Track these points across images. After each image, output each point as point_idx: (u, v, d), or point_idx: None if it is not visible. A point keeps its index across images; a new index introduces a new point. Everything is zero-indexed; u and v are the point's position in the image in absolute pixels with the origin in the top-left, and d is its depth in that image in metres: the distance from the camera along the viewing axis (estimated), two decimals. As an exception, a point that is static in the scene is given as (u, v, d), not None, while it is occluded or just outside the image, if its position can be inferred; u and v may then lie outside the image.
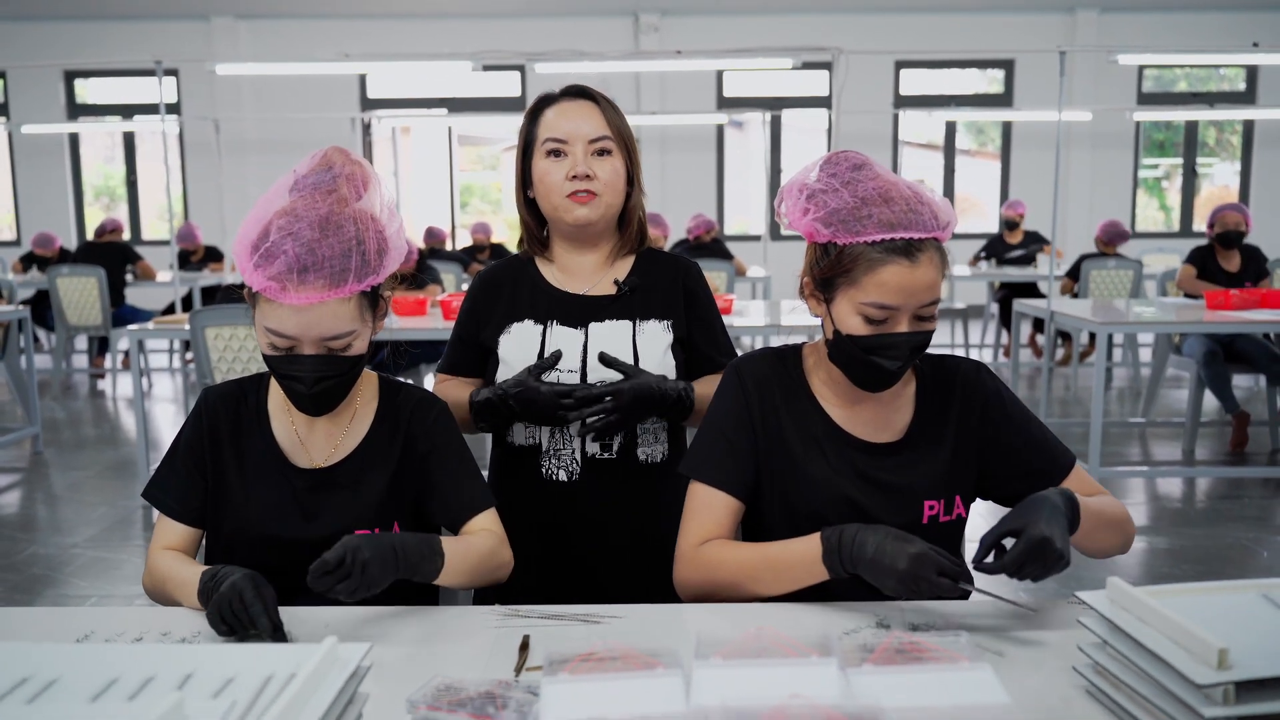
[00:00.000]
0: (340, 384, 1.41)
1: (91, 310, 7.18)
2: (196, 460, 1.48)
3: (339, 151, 1.41)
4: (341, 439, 1.50)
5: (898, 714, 0.80)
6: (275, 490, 1.46)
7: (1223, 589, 1.09)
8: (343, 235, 1.31)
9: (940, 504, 1.43)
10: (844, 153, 1.38)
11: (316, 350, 1.37)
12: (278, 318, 1.34)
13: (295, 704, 0.82)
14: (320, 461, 1.49)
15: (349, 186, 1.36)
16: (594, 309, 1.71)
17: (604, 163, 1.65)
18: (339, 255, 1.31)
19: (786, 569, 1.32)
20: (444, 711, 0.97)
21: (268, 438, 1.49)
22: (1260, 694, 0.88)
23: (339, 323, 1.35)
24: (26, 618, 1.37)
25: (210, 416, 1.49)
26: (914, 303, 1.35)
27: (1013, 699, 1.06)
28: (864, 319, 1.35)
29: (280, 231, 1.31)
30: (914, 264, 1.33)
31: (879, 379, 1.39)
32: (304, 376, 1.37)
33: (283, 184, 1.39)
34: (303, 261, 1.30)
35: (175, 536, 1.47)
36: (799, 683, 0.85)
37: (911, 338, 1.36)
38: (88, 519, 4.38)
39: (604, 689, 0.88)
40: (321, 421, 1.50)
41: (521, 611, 1.31)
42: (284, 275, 1.30)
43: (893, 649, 0.93)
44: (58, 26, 10.95)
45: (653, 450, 1.71)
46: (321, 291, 1.31)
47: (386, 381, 1.56)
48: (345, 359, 1.39)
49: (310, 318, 1.33)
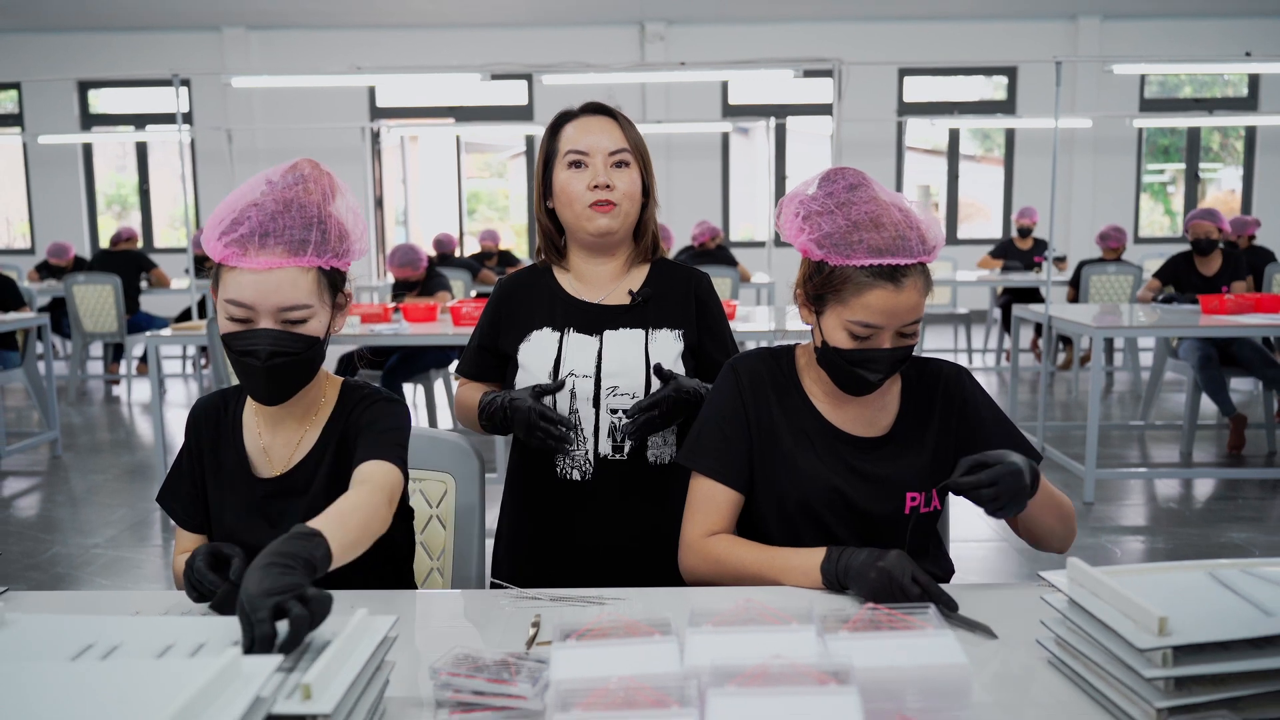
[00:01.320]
0: (294, 363, 1.41)
1: (107, 317, 7.32)
2: (191, 471, 1.55)
3: (309, 162, 1.46)
4: (297, 446, 1.52)
5: (866, 671, 0.90)
6: (242, 500, 1.51)
7: (1175, 568, 1.18)
8: (305, 213, 1.38)
9: (921, 496, 1.53)
10: (842, 170, 1.48)
11: (273, 323, 1.38)
12: (237, 284, 1.37)
13: (334, 663, 0.92)
14: (279, 469, 1.52)
15: (315, 186, 1.42)
16: (609, 317, 1.79)
17: (622, 174, 1.74)
18: (299, 227, 1.37)
19: (785, 573, 1.41)
20: (463, 677, 1.07)
21: (239, 448, 1.53)
22: (1196, 657, 0.98)
23: (296, 292, 1.38)
24: (78, 600, 1.47)
25: (196, 428, 1.56)
26: (896, 323, 1.44)
27: (980, 669, 1.16)
28: (849, 334, 1.45)
29: (244, 205, 1.38)
30: (899, 289, 1.42)
31: (859, 387, 1.49)
32: (259, 350, 1.38)
33: (255, 182, 1.43)
34: (265, 228, 1.36)
35: (189, 542, 1.55)
36: (780, 645, 0.95)
37: (893, 353, 1.46)
38: (107, 520, 4.50)
39: (607, 654, 0.98)
40: (281, 430, 1.52)
41: (532, 594, 1.41)
42: (246, 239, 1.35)
43: (866, 619, 1.03)
44: (71, 38, 11.12)
45: (661, 452, 1.79)
46: (281, 257, 1.36)
47: (348, 386, 1.57)
48: (301, 336, 1.40)
49: (269, 282, 1.36)
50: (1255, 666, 0.97)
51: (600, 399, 1.75)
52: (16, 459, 5.62)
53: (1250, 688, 0.98)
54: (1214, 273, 5.72)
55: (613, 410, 1.75)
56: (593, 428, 1.76)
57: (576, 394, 1.75)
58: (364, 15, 10.66)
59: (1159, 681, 0.97)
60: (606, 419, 1.75)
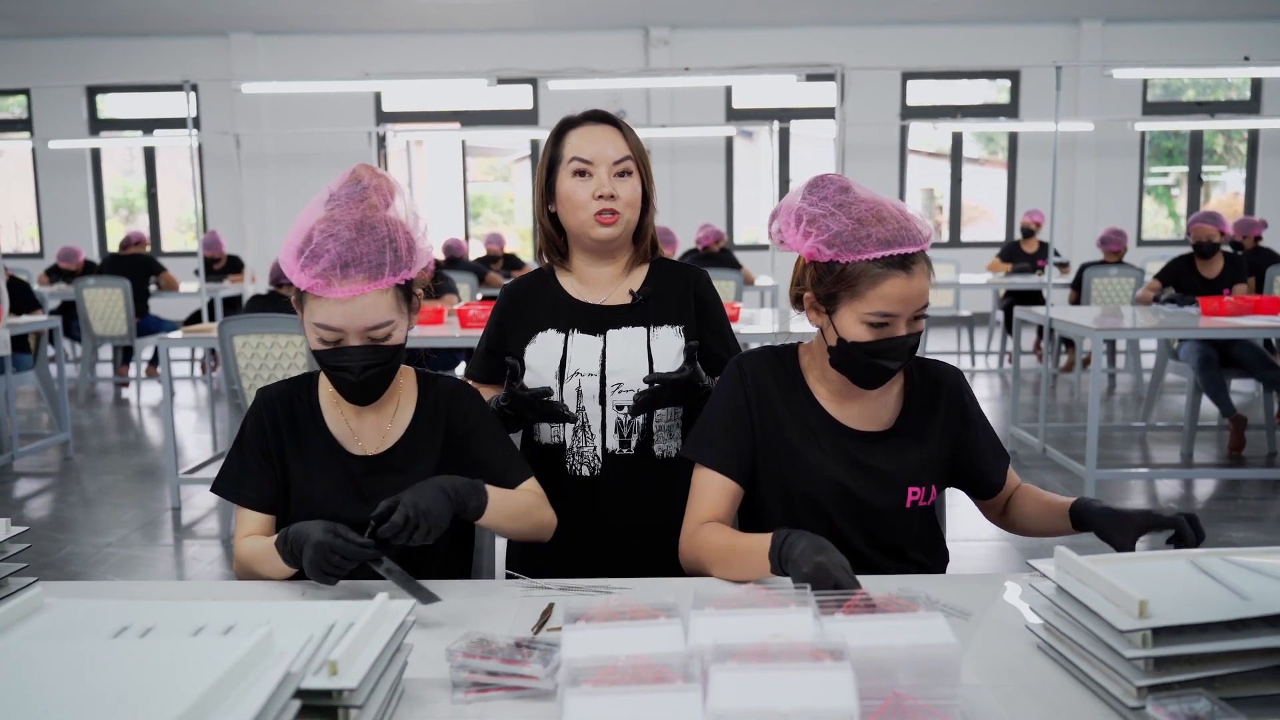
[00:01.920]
0: (383, 372, 1.56)
1: (117, 320, 7.39)
2: (263, 452, 1.64)
3: (365, 167, 1.57)
4: (388, 428, 1.65)
5: (860, 650, 0.96)
6: (334, 476, 1.62)
7: (1158, 557, 1.24)
8: (377, 235, 1.48)
9: (921, 491, 1.59)
10: (826, 176, 1.53)
11: (361, 341, 1.52)
12: (325, 312, 1.49)
13: (358, 643, 0.98)
14: (371, 449, 1.64)
15: (377, 196, 1.53)
16: (611, 317, 1.85)
17: (625, 183, 1.80)
18: (375, 252, 1.47)
19: (745, 558, 1.44)
20: (478, 658, 1.12)
21: (322, 430, 1.65)
22: (1175, 639, 1.03)
23: (379, 313, 1.51)
24: (106, 589, 1.53)
25: (269, 413, 1.65)
26: (910, 309, 1.50)
27: (972, 653, 1.22)
28: (868, 326, 1.50)
29: (322, 235, 1.47)
30: (910, 275, 1.48)
31: (880, 377, 1.54)
32: (352, 366, 1.52)
33: (319, 199, 1.55)
34: (344, 258, 1.46)
35: (255, 524, 1.63)
36: (779, 626, 1.00)
37: (909, 339, 1.52)
38: (119, 520, 4.56)
39: (615, 635, 1.03)
40: (369, 413, 1.65)
41: (542, 584, 1.47)
42: (328, 272, 1.46)
43: (861, 603, 1.08)
44: (79, 43, 11.20)
45: (667, 446, 1.85)
46: (362, 284, 1.47)
47: (423, 374, 1.72)
48: (387, 348, 1.54)
49: (354, 309, 1.48)
50: (1231, 647, 1.02)
51: (606, 396, 1.81)
52: (29, 460, 5.69)
53: (1227, 667, 1.03)
54: (1215, 275, 5.77)
55: (618, 406, 1.80)
56: (599, 424, 1.81)
57: (583, 392, 1.81)
58: (370, 21, 10.73)
59: (1139, 661, 1.03)
60: (613, 415, 1.81)
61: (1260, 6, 10.43)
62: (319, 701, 0.93)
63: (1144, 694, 1.02)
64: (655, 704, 0.90)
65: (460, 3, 10.01)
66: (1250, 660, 1.03)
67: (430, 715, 1.09)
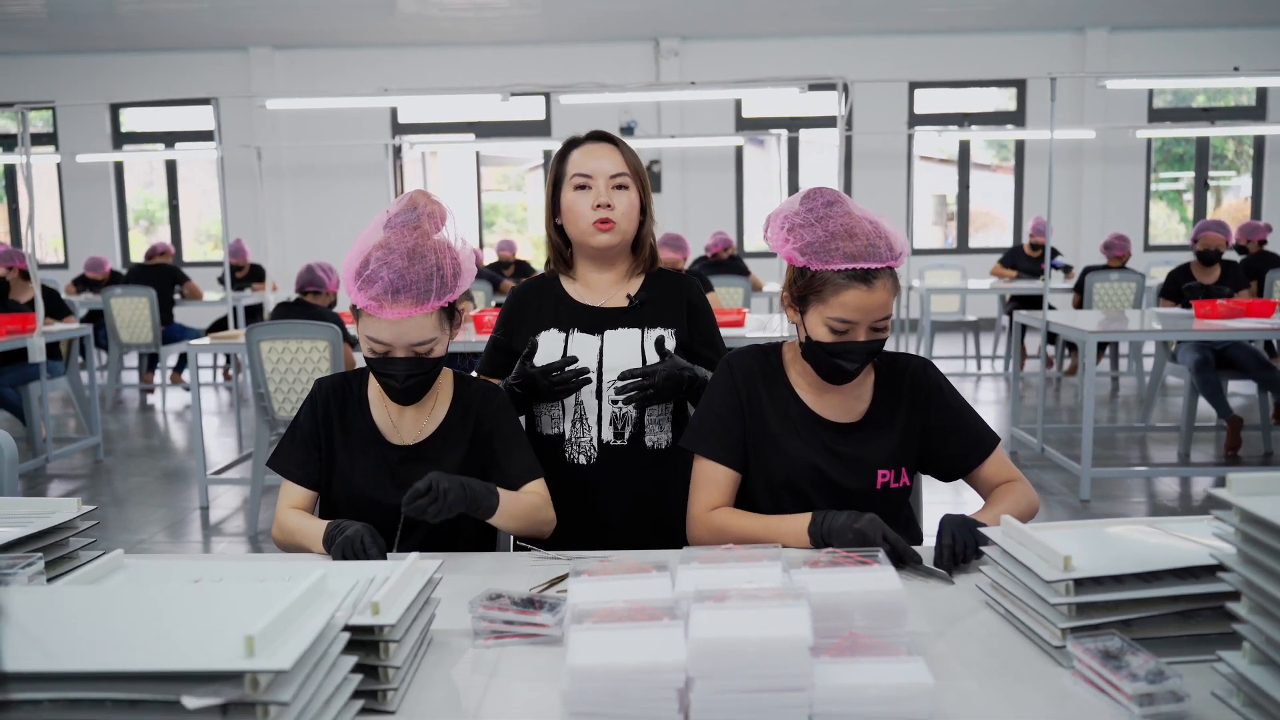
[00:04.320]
0: (425, 380, 1.77)
1: (143, 328, 7.61)
2: (313, 436, 1.84)
3: (422, 194, 1.78)
4: (425, 422, 1.85)
5: (819, 596, 1.13)
6: (374, 462, 1.82)
7: (1095, 524, 1.41)
8: (426, 263, 1.67)
9: (891, 473, 1.76)
10: (821, 189, 1.71)
11: (406, 354, 1.72)
12: (376, 329, 1.70)
13: (395, 589, 1.16)
14: (409, 440, 1.84)
15: (430, 223, 1.73)
16: (608, 319, 2.03)
17: (621, 195, 1.98)
18: (423, 279, 1.67)
19: (780, 537, 1.64)
20: (496, 610, 1.30)
21: (368, 420, 1.85)
22: (1093, 588, 1.20)
23: (424, 333, 1.71)
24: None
25: (323, 402, 1.86)
26: (869, 319, 1.67)
27: (928, 608, 1.39)
28: (829, 329, 1.68)
29: (378, 261, 1.67)
30: (870, 289, 1.65)
31: (839, 376, 1.71)
32: (397, 374, 1.73)
33: (377, 221, 1.76)
34: (395, 285, 1.65)
35: (298, 497, 1.82)
36: (752, 576, 1.18)
37: (867, 345, 1.69)
38: (150, 519, 4.76)
39: (615, 585, 1.21)
40: (409, 408, 1.84)
41: (550, 555, 1.65)
42: (381, 296, 1.66)
43: (825, 560, 1.25)
44: (102, 59, 11.47)
45: (658, 438, 2.03)
46: (410, 308, 1.67)
47: (459, 376, 1.91)
48: (429, 360, 1.75)
49: (401, 329, 1.69)
50: (1141, 595, 1.19)
51: (602, 391, 1.99)
52: (61, 463, 5.91)
53: (1139, 613, 1.20)
54: (1213, 281, 5.90)
55: (613, 400, 1.98)
56: (595, 417, 2.00)
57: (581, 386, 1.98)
58: (385, 34, 10.97)
59: (1062, 607, 1.20)
60: (608, 409, 1.99)
61: (1265, 13, 10.54)
62: (363, 636, 1.11)
63: (1066, 635, 1.19)
64: (646, 636, 1.07)
65: (473, 16, 10.23)
66: (1159, 606, 1.20)
67: (455, 657, 1.26)
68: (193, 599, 1.07)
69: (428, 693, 1.17)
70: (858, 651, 1.10)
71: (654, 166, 11.43)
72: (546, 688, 1.17)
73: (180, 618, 1.00)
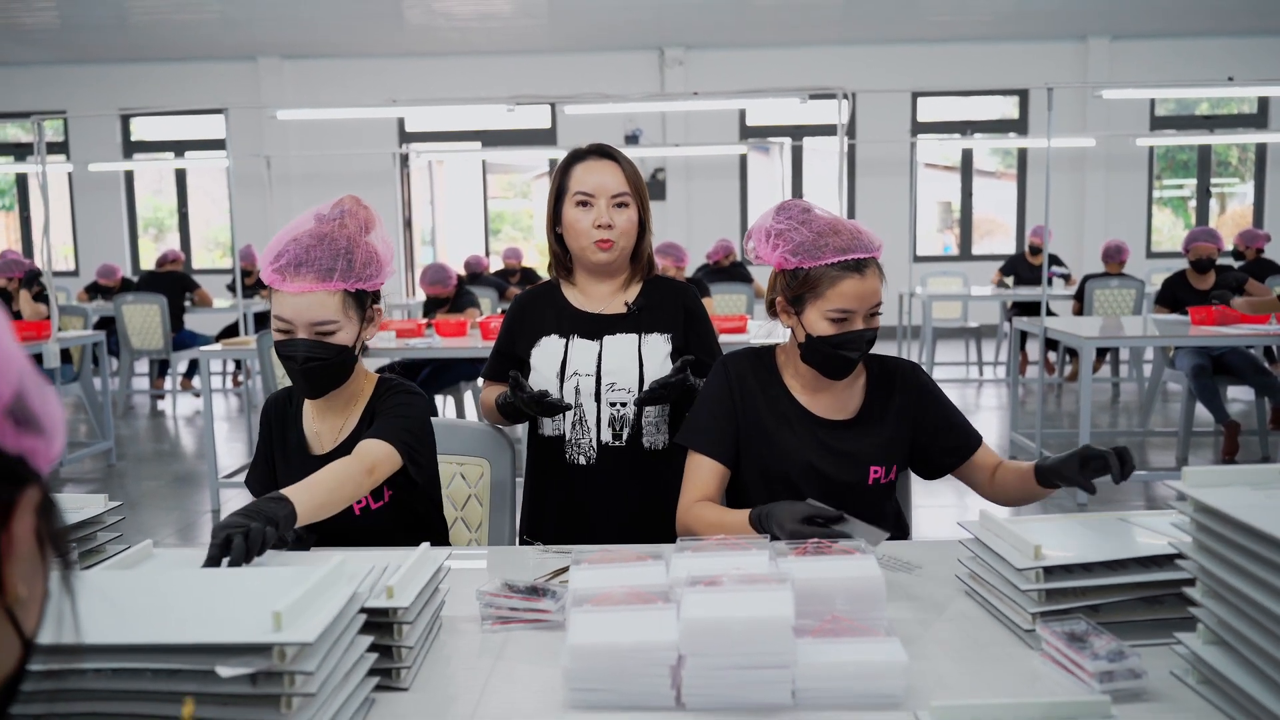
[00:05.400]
0: (326, 367, 1.75)
1: (154, 335, 7.72)
2: (265, 451, 1.91)
3: (352, 198, 1.82)
4: (341, 430, 1.87)
5: (804, 581, 1.21)
6: (298, 474, 1.68)
7: (1068, 518, 1.48)
8: (334, 246, 1.72)
9: (881, 469, 1.84)
10: (791, 201, 1.82)
11: (308, 335, 1.73)
12: (279, 303, 1.73)
13: (408, 575, 1.24)
14: (328, 448, 1.86)
15: (353, 221, 1.78)
16: (607, 325, 2.12)
17: (621, 213, 2.07)
18: (328, 257, 1.71)
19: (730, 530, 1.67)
20: (502, 597, 1.38)
21: (299, 432, 1.89)
22: (1062, 575, 1.28)
23: (324, 311, 1.72)
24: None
25: (267, 416, 1.93)
26: (865, 306, 1.77)
27: (907, 596, 1.46)
28: (830, 322, 1.76)
29: (289, 239, 1.74)
30: (863, 277, 1.75)
31: (844, 367, 1.80)
32: (297, 355, 1.73)
33: (305, 216, 1.80)
34: (299, 259, 1.70)
35: None
36: (740, 562, 1.26)
37: (865, 333, 1.78)
38: (164, 521, 4.85)
39: (613, 572, 1.29)
40: (330, 415, 1.87)
41: (553, 549, 1.73)
42: (285, 269, 1.71)
43: (811, 549, 1.33)
44: (112, 69, 11.61)
45: (655, 439, 2.11)
46: (311, 283, 1.70)
47: (383, 380, 1.91)
48: (331, 345, 1.74)
49: (301, 304, 1.71)
50: (1108, 582, 1.27)
51: (601, 394, 2.08)
52: (74, 467, 6.01)
53: (1105, 598, 1.28)
54: (1207, 288, 5.97)
55: (611, 403, 2.06)
56: (595, 419, 2.08)
57: (580, 390, 2.07)
58: (392, 45, 11.09)
59: (1033, 593, 1.27)
60: (607, 411, 2.07)
61: (1266, 22, 10.61)
62: (379, 619, 1.19)
63: (1036, 619, 1.27)
64: (641, 618, 1.15)
65: (479, 26, 10.35)
66: (1123, 593, 1.28)
67: (463, 641, 1.35)
68: (223, 580, 1.16)
69: (438, 672, 1.26)
70: (839, 633, 1.18)
71: (658, 174, 11.53)
72: (549, 668, 1.25)
73: (212, 597, 1.09)
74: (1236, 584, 1.07)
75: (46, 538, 0.59)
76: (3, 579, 0.56)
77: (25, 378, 0.57)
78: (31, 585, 0.58)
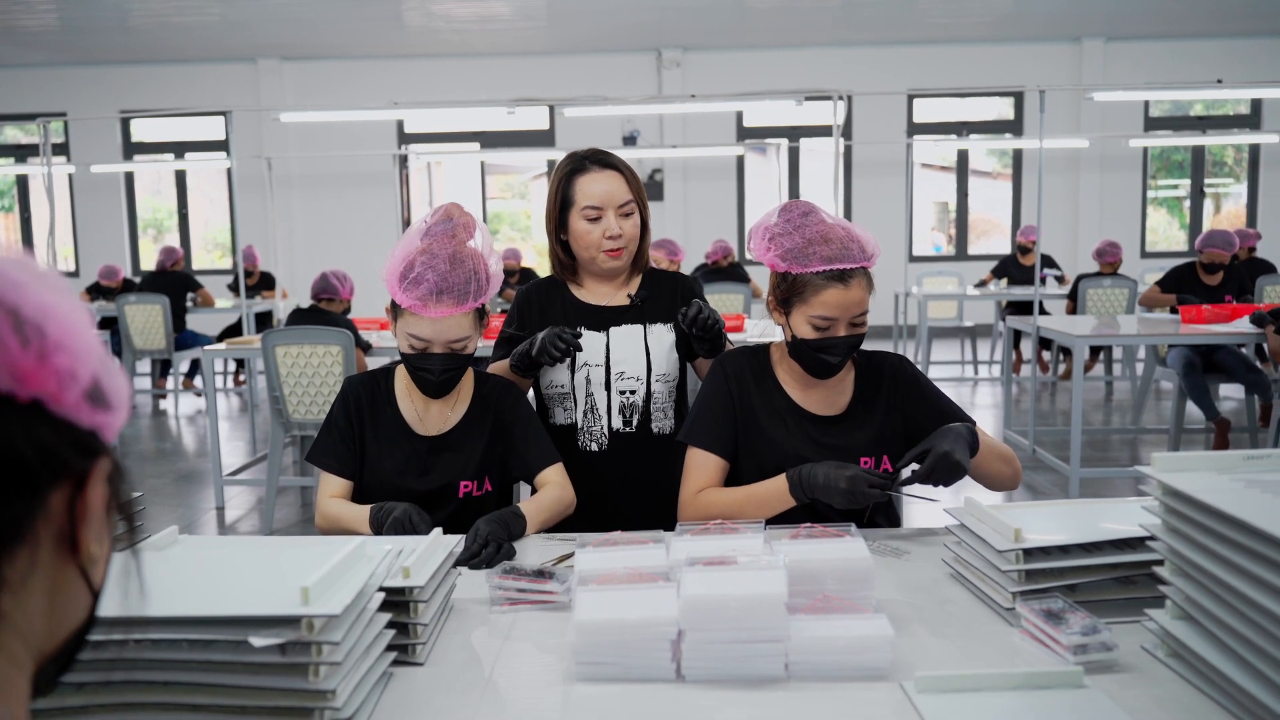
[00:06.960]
0: (457, 375, 1.95)
1: (156, 335, 7.78)
2: (347, 430, 2.00)
3: (455, 206, 1.95)
4: (449, 415, 2.02)
5: (796, 563, 1.28)
6: (402, 452, 1.98)
7: (1048, 504, 1.56)
8: (465, 268, 1.85)
9: (871, 461, 1.91)
10: (796, 202, 1.87)
11: (443, 350, 1.89)
12: (418, 327, 1.87)
13: (423, 557, 1.32)
14: (434, 431, 2.01)
15: (464, 232, 1.90)
16: (613, 317, 2.21)
17: (628, 221, 2.16)
18: (463, 282, 1.84)
19: (764, 501, 1.79)
20: (511, 580, 1.45)
21: (396, 414, 2.02)
22: (1041, 557, 1.35)
23: (461, 330, 1.89)
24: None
25: (355, 398, 2.03)
26: (848, 315, 1.83)
27: (897, 580, 1.54)
28: (813, 327, 1.83)
29: (422, 265, 1.84)
30: (847, 287, 1.81)
31: (825, 370, 1.87)
32: (433, 369, 1.90)
33: (415, 230, 1.93)
34: (439, 287, 1.83)
35: (336, 487, 1.99)
36: (736, 545, 1.33)
37: (847, 340, 1.84)
38: (168, 520, 4.92)
39: (616, 554, 1.36)
40: (434, 401, 2.01)
41: (561, 536, 1.81)
42: (426, 297, 1.83)
43: (804, 533, 1.41)
44: (113, 70, 11.67)
45: (663, 425, 2.20)
46: (451, 308, 1.84)
47: (478, 373, 2.09)
48: (462, 356, 1.92)
49: (442, 327, 1.86)
50: (1084, 563, 1.35)
51: (610, 383, 2.16)
52: (78, 465, 6.06)
53: (1082, 578, 1.35)
54: (1217, 284, 6.01)
55: (621, 391, 2.14)
56: (605, 407, 2.15)
57: (591, 380, 2.16)
58: (392, 46, 11.16)
59: (1013, 573, 1.35)
60: (617, 399, 2.14)
61: (1259, 23, 10.70)
62: (396, 598, 1.26)
63: (1016, 598, 1.34)
64: (643, 596, 1.23)
65: (479, 29, 10.42)
66: (1099, 573, 1.35)
67: (474, 622, 1.42)
68: (252, 559, 1.23)
69: (450, 649, 1.33)
70: (829, 610, 1.26)
71: (656, 175, 11.61)
72: (555, 646, 1.32)
73: (243, 574, 1.16)
74: (1202, 562, 1.14)
75: (114, 504, 0.67)
76: (78, 539, 0.63)
77: (100, 362, 0.65)
78: (101, 545, 0.66)
